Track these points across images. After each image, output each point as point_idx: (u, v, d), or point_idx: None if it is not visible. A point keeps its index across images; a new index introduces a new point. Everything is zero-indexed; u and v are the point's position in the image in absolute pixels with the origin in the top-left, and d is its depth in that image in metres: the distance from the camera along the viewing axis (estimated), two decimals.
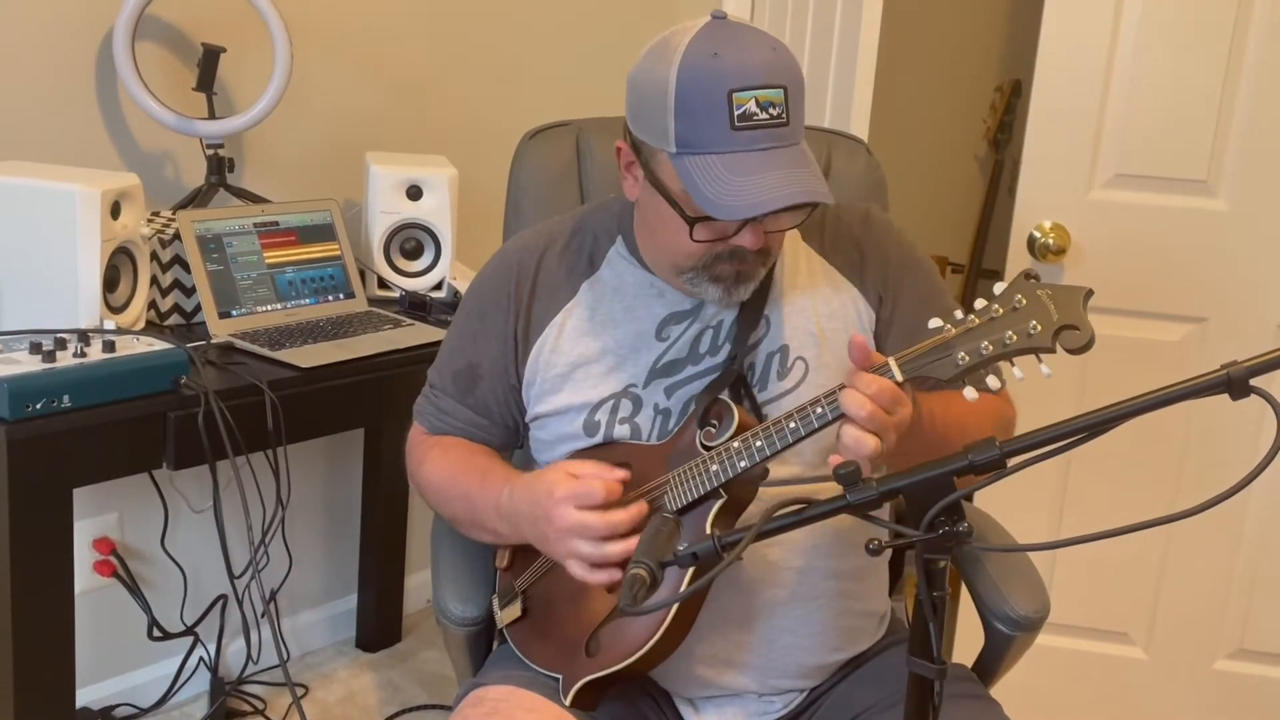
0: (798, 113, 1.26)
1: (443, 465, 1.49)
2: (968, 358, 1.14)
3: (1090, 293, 1.11)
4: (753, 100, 1.22)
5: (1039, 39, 2.20)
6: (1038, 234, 2.25)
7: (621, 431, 1.39)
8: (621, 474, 1.30)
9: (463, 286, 2.04)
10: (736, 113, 1.22)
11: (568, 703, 1.34)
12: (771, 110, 1.23)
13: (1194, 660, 2.41)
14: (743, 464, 1.25)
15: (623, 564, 1.25)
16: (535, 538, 1.34)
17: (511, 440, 1.53)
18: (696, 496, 1.28)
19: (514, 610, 1.43)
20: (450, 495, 1.48)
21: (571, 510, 1.26)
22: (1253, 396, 0.99)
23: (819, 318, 1.41)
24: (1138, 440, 2.22)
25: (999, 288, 1.15)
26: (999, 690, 1.52)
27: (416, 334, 2.10)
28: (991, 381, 1.20)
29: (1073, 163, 2.23)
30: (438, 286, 2.34)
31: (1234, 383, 0.98)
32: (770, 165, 1.23)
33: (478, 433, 1.51)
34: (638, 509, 1.27)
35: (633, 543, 1.24)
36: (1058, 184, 2.24)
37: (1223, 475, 0.95)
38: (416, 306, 2.26)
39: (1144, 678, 2.43)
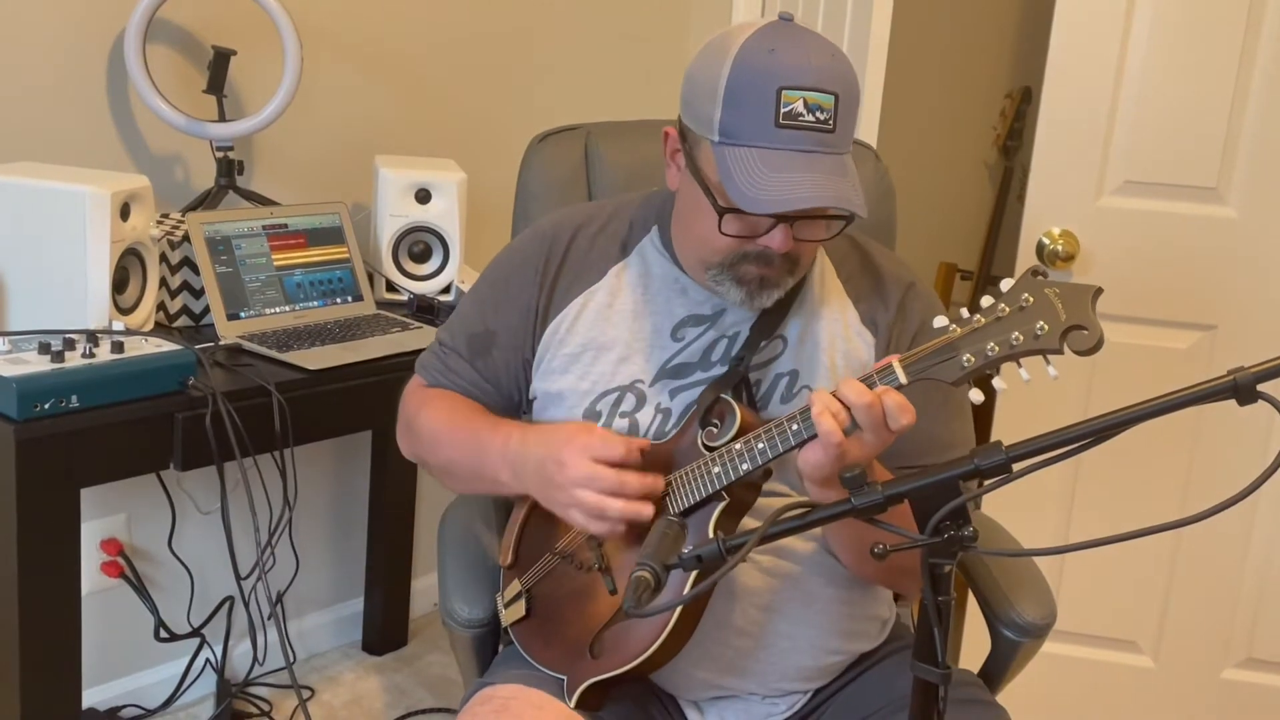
0: (847, 124, 1.25)
1: (446, 410, 1.47)
2: (973, 359, 1.12)
3: (1099, 291, 1.09)
4: (801, 100, 1.21)
5: (1049, 46, 2.20)
6: (1047, 241, 2.24)
7: (620, 425, 1.39)
8: (642, 442, 1.29)
9: None
10: (783, 110, 1.21)
11: (572, 705, 1.34)
12: (819, 114, 1.22)
13: (1202, 669, 2.40)
14: (744, 466, 1.24)
15: (626, 525, 1.26)
16: (538, 485, 1.32)
17: (511, 414, 1.51)
18: (698, 499, 1.27)
19: (518, 609, 1.43)
20: (451, 437, 1.45)
21: (586, 459, 1.26)
22: (1260, 403, 0.98)
23: (835, 354, 1.40)
24: (1146, 447, 2.22)
25: (1006, 284, 1.13)
26: (1005, 697, 1.52)
27: (424, 337, 2.10)
28: (996, 383, 1.17)
29: (1082, 169, 2.23)
30: (446, 290, 2.34)
31: (1241, 388, 0.97)
32: (808, 168, 1.22)
33: (481, 396, 1.49)
34: (652, 479, 1.27)
35: (635, 505, 1.25)
36: (1067, 191, 2.24)
37: (1231, 482, 0.94)
38: (424, 309, 2.27)
39: (1152, 686, 2.42)
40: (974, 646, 2.32)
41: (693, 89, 1.30)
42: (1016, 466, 1.04)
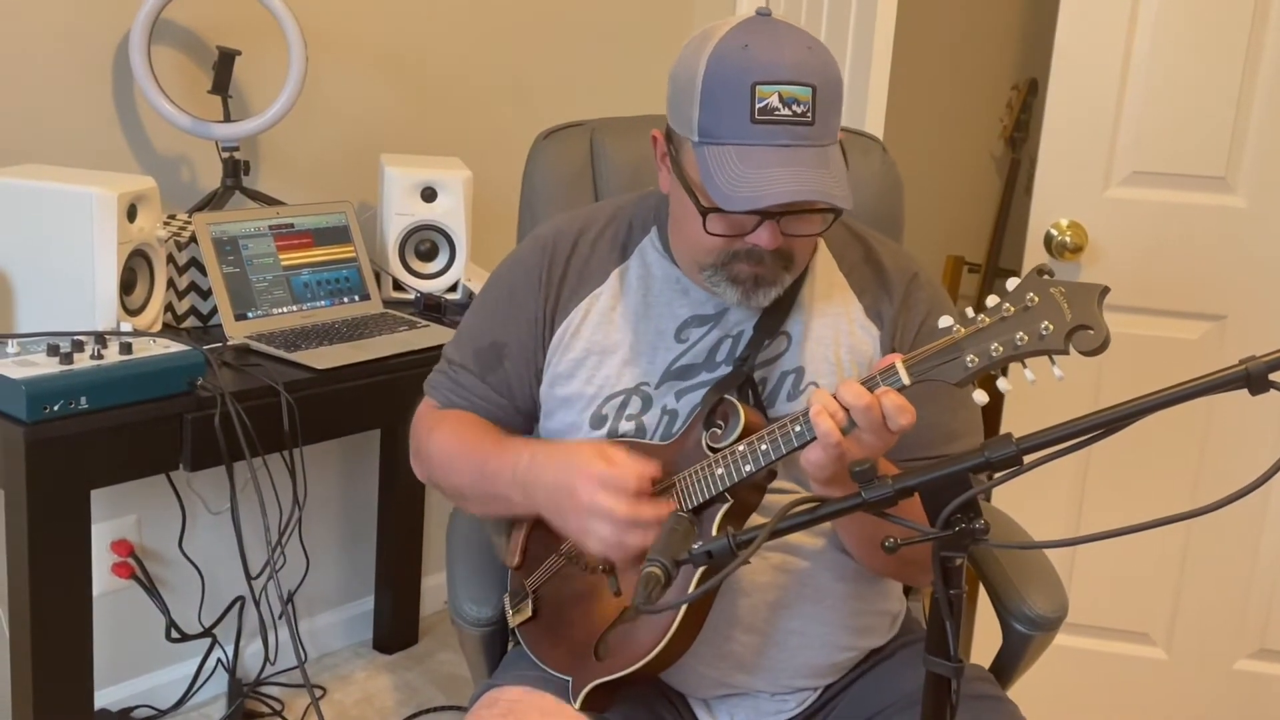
0: (827, 115, 1.24)
1: (456, 431, 1.46)
2: (977, 360, 1.11)
3: (1106, 290, 1.08)
4: (776, 95, 1.21)
5: (1055, 37, 2.19)
6: (1055, 232, 2.24)
7: (627, 428, 1.38)
8: (654, 469, 1.27)
9: (477, 288, 2.04)
10: (758, 105, 1.21)
11: (577, 706, 1.34)
12: (796, 107, 1.21)
13: (1215, 660, 2.39)
14: (748, 468, 1.23)
15: (639, 556, 1.24)
16: (551, 510, 1.31)
17: (526, 428, 1.51)
18: (702, 501, 1.26)
19: (525, 611, 1.43)
20: (461, 462, 1.44)
21: (599, 491, 1.24)
22: (1273, 393, 0.97)
23: (840, 348, 1.39)
24: (1158, 438, 2.21)
25: (1012, 283, 1.12)
26: (1017, 691, 1.51)
27: (432, 335, 2.10)
28: (1001, 384, 1.16)
29: (1089, 160, 2.22)
30: (453, 288, 2.34)
31: (1253, 378, 0.97)
32: (786, 162, 1.21)
33: (495, 411, 1.48)
34: (666, 506, 1.25)
35: (652, 536, 1.22)
36: (1074, 182, 2.23)
37: (1243, 473, 0.94)
38: (432, 308, 2.27)
39: (1164, 678, 2.42)
40: (986, 641, 2.31)
41: (674, 90, 1.29)
42: (1027, 459, 1.04)
